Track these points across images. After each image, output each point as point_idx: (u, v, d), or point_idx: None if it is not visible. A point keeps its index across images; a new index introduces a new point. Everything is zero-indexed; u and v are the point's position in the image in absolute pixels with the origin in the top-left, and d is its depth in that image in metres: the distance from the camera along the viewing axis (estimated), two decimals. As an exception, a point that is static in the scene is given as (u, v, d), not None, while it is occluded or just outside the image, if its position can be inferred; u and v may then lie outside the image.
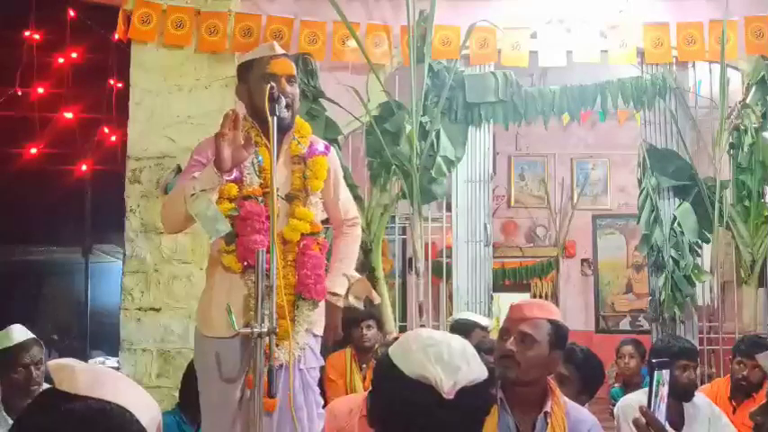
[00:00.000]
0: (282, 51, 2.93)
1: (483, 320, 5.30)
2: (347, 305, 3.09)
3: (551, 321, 2.52)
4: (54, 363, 1.28)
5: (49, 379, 3.66)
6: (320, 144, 3.00)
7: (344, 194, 3.13)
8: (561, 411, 2.52)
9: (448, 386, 1.55)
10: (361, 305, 3.11)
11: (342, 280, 3.05)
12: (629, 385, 5.44)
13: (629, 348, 5.39)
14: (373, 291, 3.16)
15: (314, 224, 2.90)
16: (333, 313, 3.01)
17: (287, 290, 2.79)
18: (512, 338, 2.48)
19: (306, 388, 2.85)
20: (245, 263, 2.80)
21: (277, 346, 2.70)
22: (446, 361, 1.58)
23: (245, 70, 2.95)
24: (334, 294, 3.00)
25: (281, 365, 2.75)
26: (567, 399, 2.62)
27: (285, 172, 2.88)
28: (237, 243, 2.82)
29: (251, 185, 2.85)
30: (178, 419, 3.95)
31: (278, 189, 2.75)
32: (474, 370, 1.61)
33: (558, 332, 2.53)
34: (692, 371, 3.90)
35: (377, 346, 5.14)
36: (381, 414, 1.65)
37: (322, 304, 2.96)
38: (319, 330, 2.96)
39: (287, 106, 2.77)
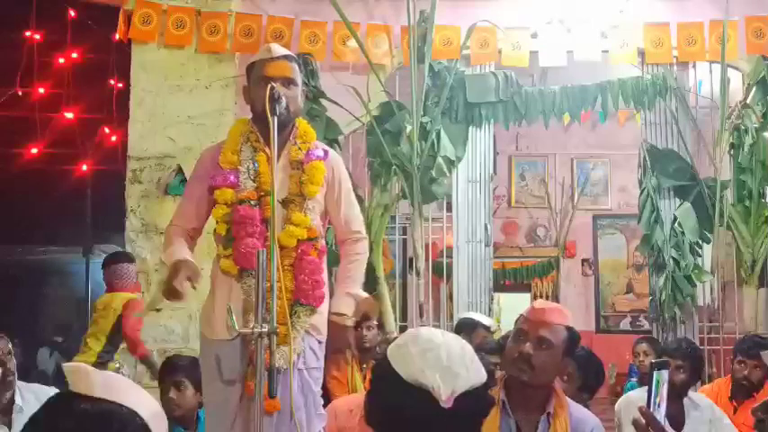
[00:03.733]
0: (282, 53, 2.90)
1: (486, 320, 5.31)
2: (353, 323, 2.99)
3: (567, 328, 2.53)
4: (69, 366, 1.33)
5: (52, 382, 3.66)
6: (319, 149, 2.95)
7: (346, 203, 3.00)
8: (564, 412, 2.52)
9: (446, 394, 1.54)
10: (373, 324, 3.06)
11: (347, 300, 2.93)
12: (645, 383, 5.43)
13: (644, 346, 5.39)
14: (375, 307, 3.07)
15: (311, 229, 2.87)
16: (341, 334, 2.90)
17: (284, 294, 2.78)
18: (529, 341, 2.48)
19: (306, 389, 2.84)
20: (240, 267, 2.80)
21: (276, 349, 2.70)
22: (445, 366, 1.57)
23: (248, 73, 2.96)
24: (339, 314, 2.89)
25: (280, 369, 2.74)
26: (569, 399, 2.62)
27: (282, 176, 2.86)
28: (233, 247, 2.82)
29: (245, 189, 2.84)
30: (168, 423, 3.95)
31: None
32: (473, 375, 1.60)
33: (572, 338, 2.55)
34: (686, 372, 3.91)
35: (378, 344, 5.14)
36: (379, 416, 1.64)
37: (324, 309, 2.94)
38: (320, 335, 2.94)
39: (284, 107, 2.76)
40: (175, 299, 2.73)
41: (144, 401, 1.33)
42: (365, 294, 3.07)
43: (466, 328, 4.98)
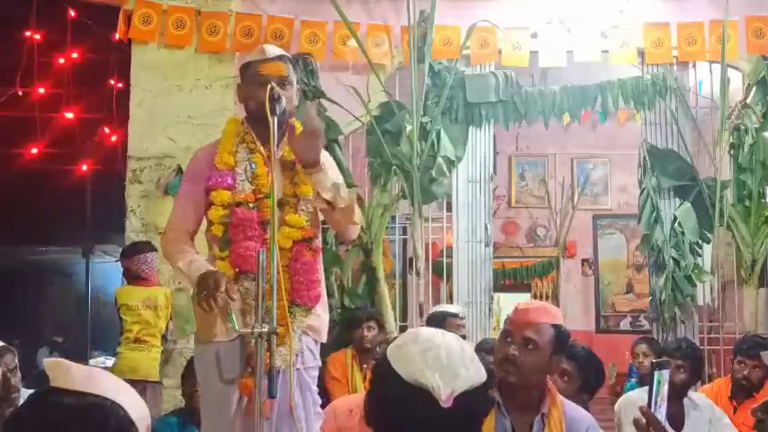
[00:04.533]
0: (276, 54, 2.89)
1: (453, 308, 5.30)
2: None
3: (554, 326, 2.51)
4: (49, 361, 1.31)
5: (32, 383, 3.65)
6: None
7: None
8: (558, 412, 2.52)
9: (446, 394, 1.54)
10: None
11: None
12: (644, 384, 5.43)
13: (643, 347, 5.39)
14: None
15: (305, 230, 2.86)
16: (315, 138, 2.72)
17: (280, 295, 2.77)
18: (514, 343, 2.48)
19: (303, 388, 2.84)
20: (238, 269, 2.79)
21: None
22: (444, 366, 1.57)
23: (242, 73, 2.95)
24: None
25: (278, 370, 2.73)
26: (563, 398, 2.62)
27: (278, 178, 2.86)
28: (230, 249, 2.80)
29: (243, 192, 2.83)
30: (181, 420, 3.96)
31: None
32: (472, 375, 1.61)
33: (560, 337, 2.52)
34: (688, 371, 3.91)
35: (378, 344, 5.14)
36: (379, 416, 1.64)
37: (321, 311, 2.94)
38: (317, 335, 2.93)
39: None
40: (211, 309, 2.63)
41: (126, 394, 1.32)
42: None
43: (436, 322, 4.96)
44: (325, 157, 2.84)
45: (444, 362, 1.58)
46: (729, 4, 5.88)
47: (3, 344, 3.47)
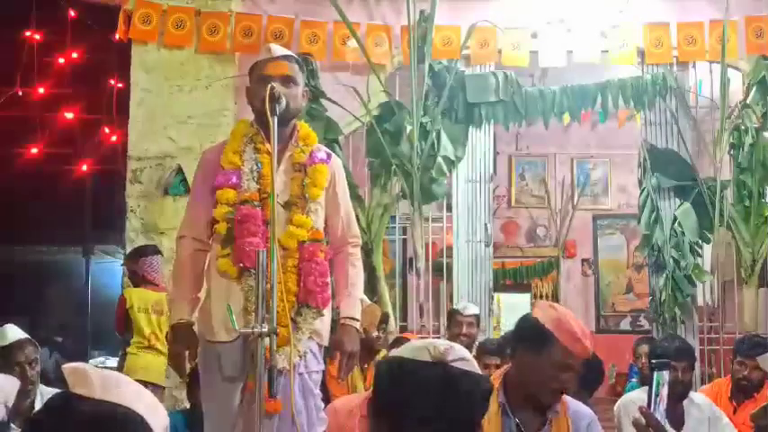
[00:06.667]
0: (281, 53, 2.90)
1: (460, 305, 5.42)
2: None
3: None
4: (68, 366, 1.30)
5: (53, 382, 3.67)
6: (322, 152, 2.95)
7: (346, 207, 3.04)
8: (563, 408, 2.54)
9: (444, 346, 1.72)
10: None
11: (358, 305, 2.98)
12: (646, 384, 5.42)
13: (645, 348, 5.38)
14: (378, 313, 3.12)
15: (313, 231, 2.86)
16: (353, 338, 2.91)
17: (286, 296, 2.76)
18: (573, 373, 2.50)
19: (306, 392, 2.83)
20: (241, 265, 2.78)
21: (277, 351, 2.69)
22: (438, 342, 1.77)
23: (250, 74, 2.96)
24: (353, 319, 2.93)
25: (281, 371, 2.73)
26: (566, 396, 2.63)
27: (285, 179, 2.85)
28: (233, 246, 2.81)
29: (248, 191, 2.84)
30: (186, 420, 3.96)
31: (277, 196, 2.73)
32: (465, 350, 1.78)
33: None
34: (690, 371, 3.94)
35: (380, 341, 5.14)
36: (389, 403, 1.71)
37: (326, 313, 2.93)
38: (321, 339, 2.93)
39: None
40: (178, 372, 2.90)
41: (141, 397, 1.31)
42: (368, 301, 3.09)
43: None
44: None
45: (437, 342, 1.78)
46: (729, 4, 5.88)
47: (27, 336, 3.50)
